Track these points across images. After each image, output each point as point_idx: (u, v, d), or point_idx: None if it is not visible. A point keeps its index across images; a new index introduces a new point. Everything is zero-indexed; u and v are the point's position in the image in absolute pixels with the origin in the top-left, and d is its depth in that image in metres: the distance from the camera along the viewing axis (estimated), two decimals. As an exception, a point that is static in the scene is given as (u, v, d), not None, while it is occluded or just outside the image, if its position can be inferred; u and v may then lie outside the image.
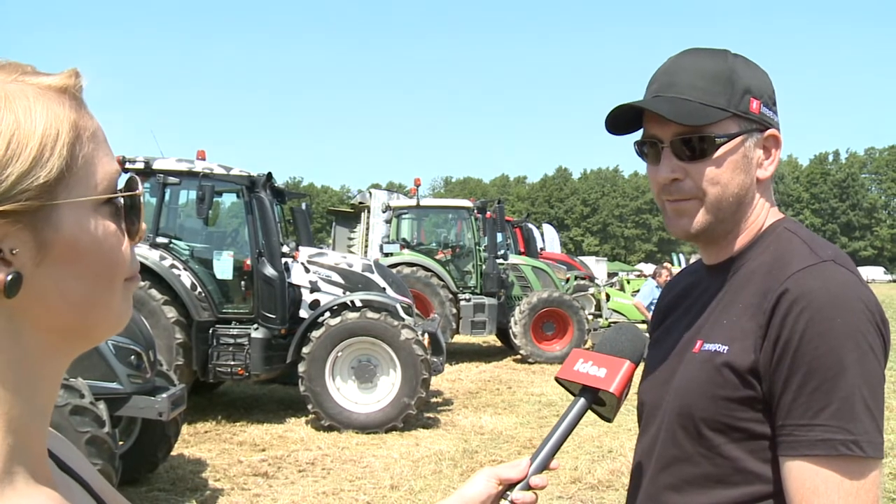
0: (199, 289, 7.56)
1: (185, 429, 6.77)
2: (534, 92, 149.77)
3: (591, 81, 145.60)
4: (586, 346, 12.66)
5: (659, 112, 1.20)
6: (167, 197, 7.79)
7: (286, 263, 7.91)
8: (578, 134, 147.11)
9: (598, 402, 1.24)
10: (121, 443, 5.31)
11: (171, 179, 7.60)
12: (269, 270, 7.56)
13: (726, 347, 1.17)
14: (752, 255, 1.25)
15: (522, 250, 17.33)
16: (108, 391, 4.89)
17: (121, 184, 0.69)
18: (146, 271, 7.24)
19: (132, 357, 5.09)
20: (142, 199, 0.71)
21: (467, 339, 15.19)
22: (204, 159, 7.79)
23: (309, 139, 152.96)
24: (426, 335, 8.00)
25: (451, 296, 12.72)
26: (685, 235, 1.24)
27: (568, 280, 14.79)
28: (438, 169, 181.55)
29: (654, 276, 11.36)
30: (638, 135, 1.29)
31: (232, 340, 7.56)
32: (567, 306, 12.75)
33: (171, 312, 7.28)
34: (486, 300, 12.94)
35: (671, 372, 1.26)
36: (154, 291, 7.26)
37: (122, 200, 0.68)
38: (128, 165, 7.48)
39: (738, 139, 1.21)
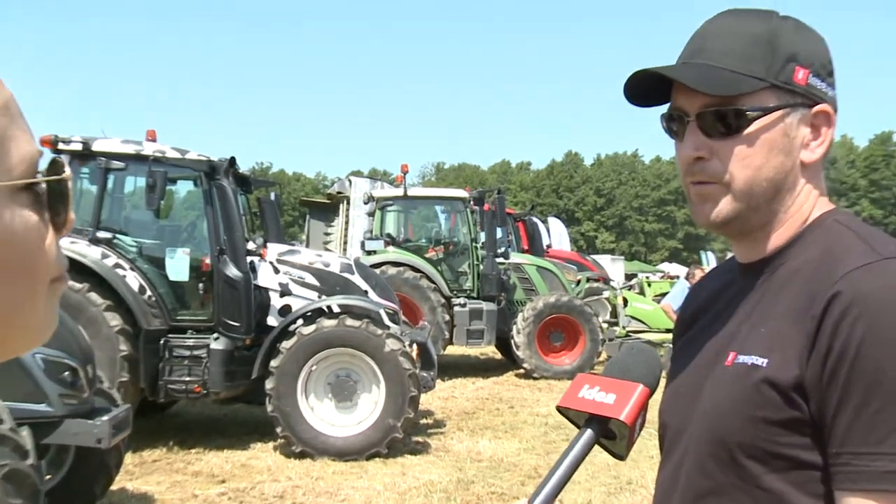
0: (148, 292, 7.54)
1: (129, 458, 6.68)
2: (539, 65, 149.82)
3: (606, 52, 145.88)
4: (600, 358, 12.72)
5: (680, 79, 1.19)
6: (110, 184, 7.76)
7: (252, 263, 7.90)
8: (590, 113, 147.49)
9: (607, 434, 1.24)
10: (48, 477, 5.13)
11: (116, 164, 7.57)
12: (232, 271, 7.55)
13: (765, 360, 1.15)
14: (796, 251, 1.23)
15: (526, 248, 17.38)
16: (35, 414, 4.79)
17: (43, 166, 0.67)
18: (85, 272, 7.20)
19: (65, 373, 4.99)
20: (70, 184, 0.69)
21: (462, 351, 15.17)
22: (154, 140, 7.77)
23: (279, 119, 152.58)
24: (415, 346, 8.01)
25: (443, 300, 12.75)
26: (708, 224, 1.23)
27: (579, 282, 14.82)
28: (428, 154, 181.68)
29: (686, 276, 11.43)
30: (665, 108, 1.27)
31: (187, 353, 7.55)
32: (578, 312, 12.79)
33: (114, 320, 7.23)
34: (485, 305, 12.97)
35: (699, 389, 1.25)
36: (94, 295, 7.20)
37: (44, 186, 0.66)
38: (61, 146, 7.43)
39: (777, 114, 1.19)
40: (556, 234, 24.31)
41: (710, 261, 23.78)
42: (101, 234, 7.55)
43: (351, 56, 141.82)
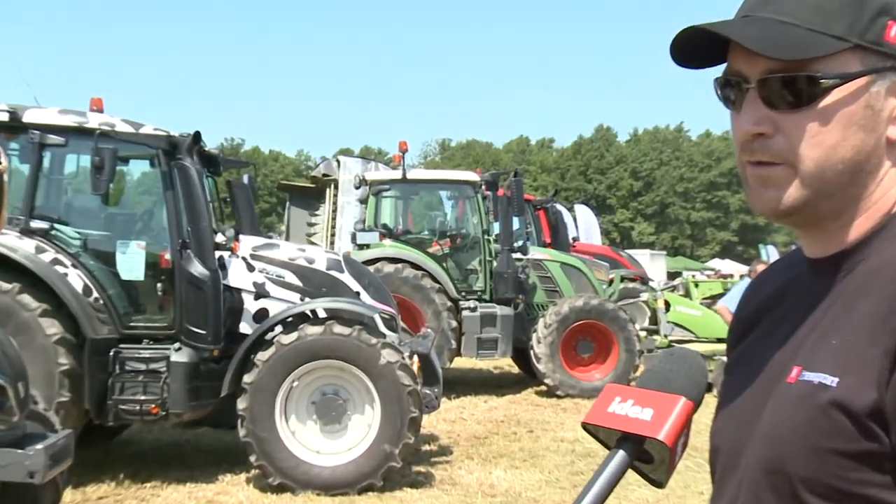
0: (94, 294, 7.55)
1: (68, 494, 6.60)
2: (561, 20, 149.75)
3: (642, 3, 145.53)
4: (636, 373, 12.72)
5: (740, 40, 1.17)
6: (47, 164, 7.77)
7: (221, 258, 7.92)
8: (625, 80, 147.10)
9: (643, 457, 1.23)
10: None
11: (53, 139, 7.54)
12: (197, 268, 7.56)
13: (836, 379, 1.13)
14: (877, 247, 1.21)
15: (548, 241, 17.40)
16: None
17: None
18: (16, 269, 7.19)
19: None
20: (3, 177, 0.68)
21: (472, 364, 15.17)
22: (101, 111, 7.76)
23: (252, 87, 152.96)
24: (415, 358, 8.02)
25: (449, 304, 12.77)
26: (770, 213, 1.21)
27: (611, 282, 14.83)
28: (431, 130, 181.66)
29: (748, 274, 11.42)
30: (719, 71, 1.26)
31: (142, 366, 7.55)
32: (610, 318, 12.80)
33: (52, 328, 7.23)
34: (499, 310, 13.00)
35: (757, 409, 1.24)
36: (26, 298, 7.17)
37: None
38: None
39: (860, 82, 1.17)
40: (585, 225, 24.31)
41: (770, 256, 23.75)
42: (36, 224, 7.54)
43: (338, 12, 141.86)
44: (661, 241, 78.15)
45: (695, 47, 1.23)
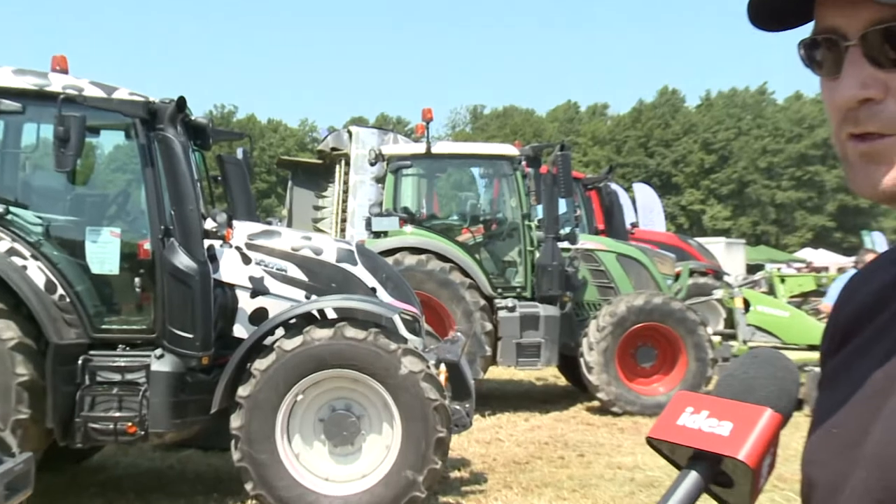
0: (59, 291, 7.60)
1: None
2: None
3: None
4: (709, 386, 12.66)
5: None
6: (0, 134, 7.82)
7: (211, 248, 7.97)
8: (694, 33, 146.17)
9: (720, 480, 1.23)
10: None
11: (7, 104, 7.57)
12: (183, 260, 7.58)
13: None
14: None
15: (601, 227, 17.41)
16: None
17: None
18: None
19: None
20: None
21: (511, 374, 15.19)
22: (65, 71, 7.79)
23: (247, 46, 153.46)
24: (443, 367, 8.04)
25: (483, 302, 12.81)
26: (879, 195, 1.19)
27: (678, 276, 14.80)
28: (461, 95, 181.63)
29: (855, 266, 11.34)
30: (806, 30, 1.24)
31: (117, 376, 7.59)
32: (677, 320, 12.79)
33: (7, 331, 7.27)
34: (542, 309, 13.03)
35: (862, 431, 1.22)
36: (-25, 296, 7.28)
37: None
38: None
39: None
40: (646, 208, 24.26)
41: (877, 245, 23.57)
42: (-13, 207, 7.62)
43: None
44: (740, 228, 77.64)
45: (775, 5, 1.22)
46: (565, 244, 13.44)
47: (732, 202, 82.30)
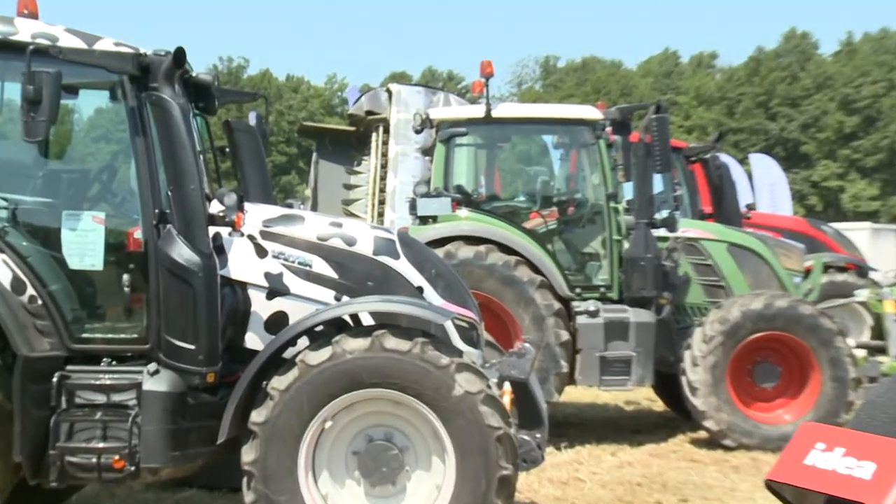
0: (30, 291, 7.64)
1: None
2: None
3: None
4: (848, 414, 12.52)
5: None
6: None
7: (217, 238, 7.99)
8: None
9: None
10: None
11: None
12: (182, 252, 7.55)
13: None
14: None
15: (707, 209, 17.28)
16: None
17: None
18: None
19: None
20: None
21: (593, 396, 15.16)
22: (35, 16, 7.81)
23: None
24: (507, 386, 8.03)
25: (558, 305, 12.81)
26: None
27: (808, 272, 14.64)
28: (529, 44, 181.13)
29: None
30: None
31: (101, 398, 7.61)
32: (807, 329, 12.70)
33: (-39, 343, 7.37)
34: (632, 314, 13.04)
35: None
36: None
37: None
38: None
39: None
40: (765, 185, 24.02)
41: None
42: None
43: None
44: (890, 210, 76.57)
45: None
46: (662, 232, 13.38)
47: (881, 177, 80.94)
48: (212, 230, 7.85)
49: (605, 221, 13.39)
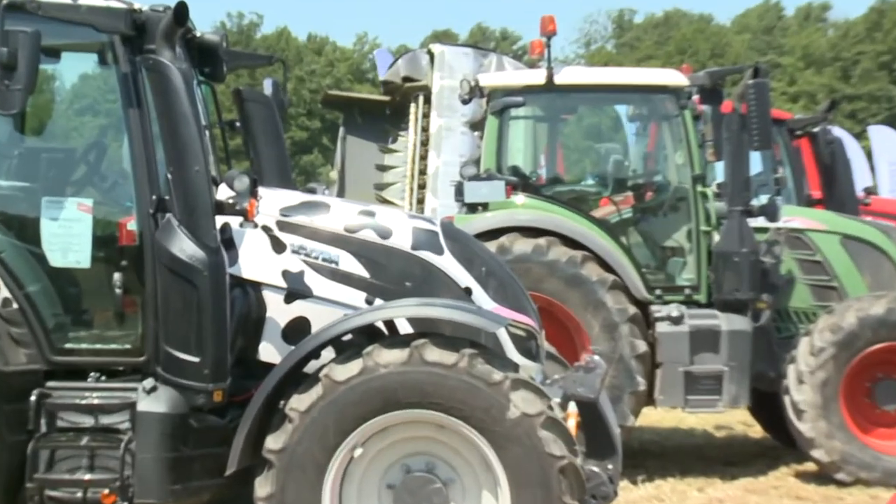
0: (4, 293, 7.72)
1: None
2: None
3: None
4: None
5: None
6: None
7: (226, 229, 8.03)
8: None
9: None
10: None
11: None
12: (184, 246, 7.56)
13: None
14: None
15: (816, 194, 17.18)
16: None
17: None
18: None
19: None
20: None
21: (677, 419, 15.16)
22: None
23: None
24: (572, 407, 8.02)
25: (633, 310, 12.82)
26: None
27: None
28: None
29: None
30: None
31: (88, 420, 7.67)
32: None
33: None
34: (724, 320, 13.00)
35: None
36: None
37: None
38: None
39: None
40: (886, 164, 23.85)
41: None
42: None
43: None
44: None
45: None
46: (760, 221, 13.34)
47: None
48: (219, 220, 7.86)
49: (691, 209, 13.32)
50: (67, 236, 7.83)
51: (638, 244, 13.43)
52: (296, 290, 8.10)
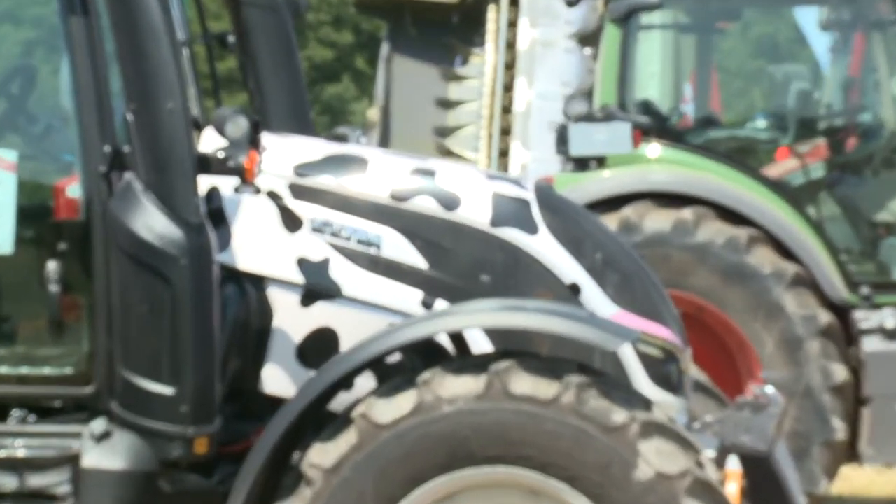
0: None
1: None
2: None
3: None
4: None
5: None
6: None
7: (214, 195, 8.16)
8: None
9: None
10: None
11: None
12: (152, 221, 7.61)
13: None
14: None
15: None
16: None
17: None
18: None
19: None
20: None
21: (893, 483, 15.17)
22: None
23: None
24: (734, 462, 8.06)
25: (826, 317, 12.83)
26: None
27: None
28: None
29: None
30: None
31: (10, 481, 7.73)
32: None
33: None
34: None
35: None
36: None
37: None
38: None
39: None
40: None
41: None
42: None
43: None
44: None
45: None
46: None
47: None
48: (204, 183, 7.93)
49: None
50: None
51: (835, 218, 13.39)
52: (317, 288, 8.15)
